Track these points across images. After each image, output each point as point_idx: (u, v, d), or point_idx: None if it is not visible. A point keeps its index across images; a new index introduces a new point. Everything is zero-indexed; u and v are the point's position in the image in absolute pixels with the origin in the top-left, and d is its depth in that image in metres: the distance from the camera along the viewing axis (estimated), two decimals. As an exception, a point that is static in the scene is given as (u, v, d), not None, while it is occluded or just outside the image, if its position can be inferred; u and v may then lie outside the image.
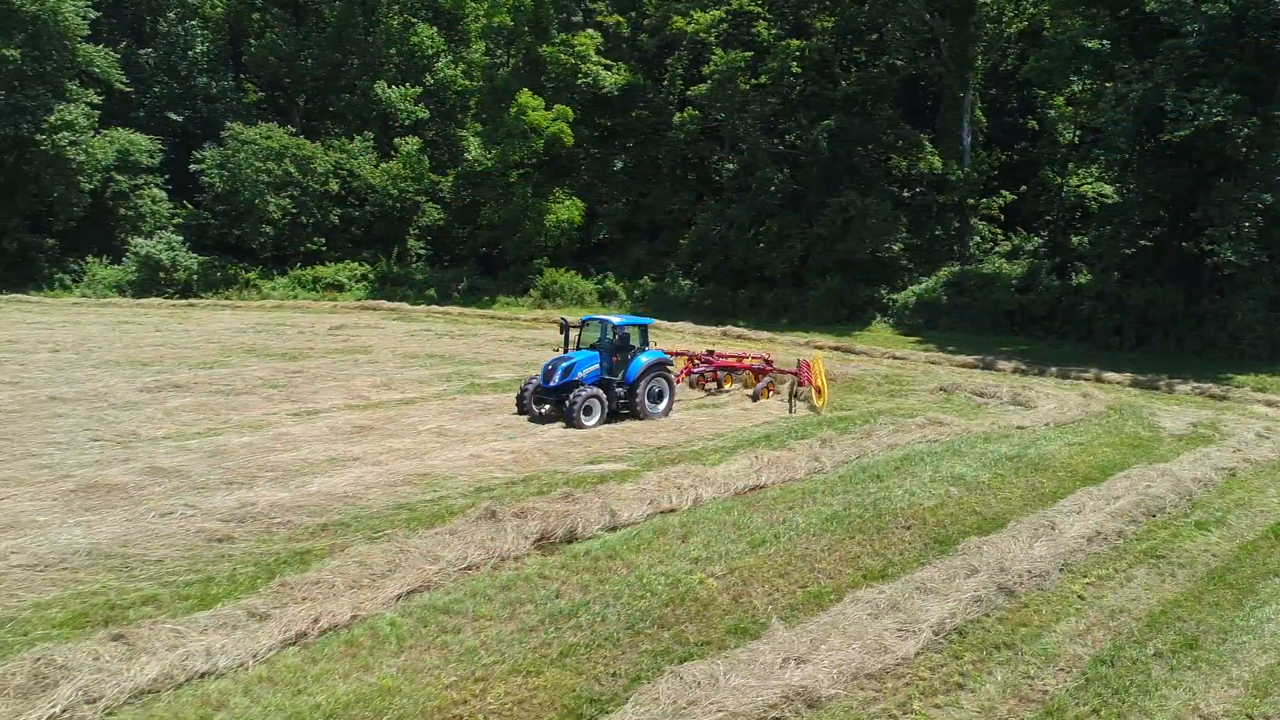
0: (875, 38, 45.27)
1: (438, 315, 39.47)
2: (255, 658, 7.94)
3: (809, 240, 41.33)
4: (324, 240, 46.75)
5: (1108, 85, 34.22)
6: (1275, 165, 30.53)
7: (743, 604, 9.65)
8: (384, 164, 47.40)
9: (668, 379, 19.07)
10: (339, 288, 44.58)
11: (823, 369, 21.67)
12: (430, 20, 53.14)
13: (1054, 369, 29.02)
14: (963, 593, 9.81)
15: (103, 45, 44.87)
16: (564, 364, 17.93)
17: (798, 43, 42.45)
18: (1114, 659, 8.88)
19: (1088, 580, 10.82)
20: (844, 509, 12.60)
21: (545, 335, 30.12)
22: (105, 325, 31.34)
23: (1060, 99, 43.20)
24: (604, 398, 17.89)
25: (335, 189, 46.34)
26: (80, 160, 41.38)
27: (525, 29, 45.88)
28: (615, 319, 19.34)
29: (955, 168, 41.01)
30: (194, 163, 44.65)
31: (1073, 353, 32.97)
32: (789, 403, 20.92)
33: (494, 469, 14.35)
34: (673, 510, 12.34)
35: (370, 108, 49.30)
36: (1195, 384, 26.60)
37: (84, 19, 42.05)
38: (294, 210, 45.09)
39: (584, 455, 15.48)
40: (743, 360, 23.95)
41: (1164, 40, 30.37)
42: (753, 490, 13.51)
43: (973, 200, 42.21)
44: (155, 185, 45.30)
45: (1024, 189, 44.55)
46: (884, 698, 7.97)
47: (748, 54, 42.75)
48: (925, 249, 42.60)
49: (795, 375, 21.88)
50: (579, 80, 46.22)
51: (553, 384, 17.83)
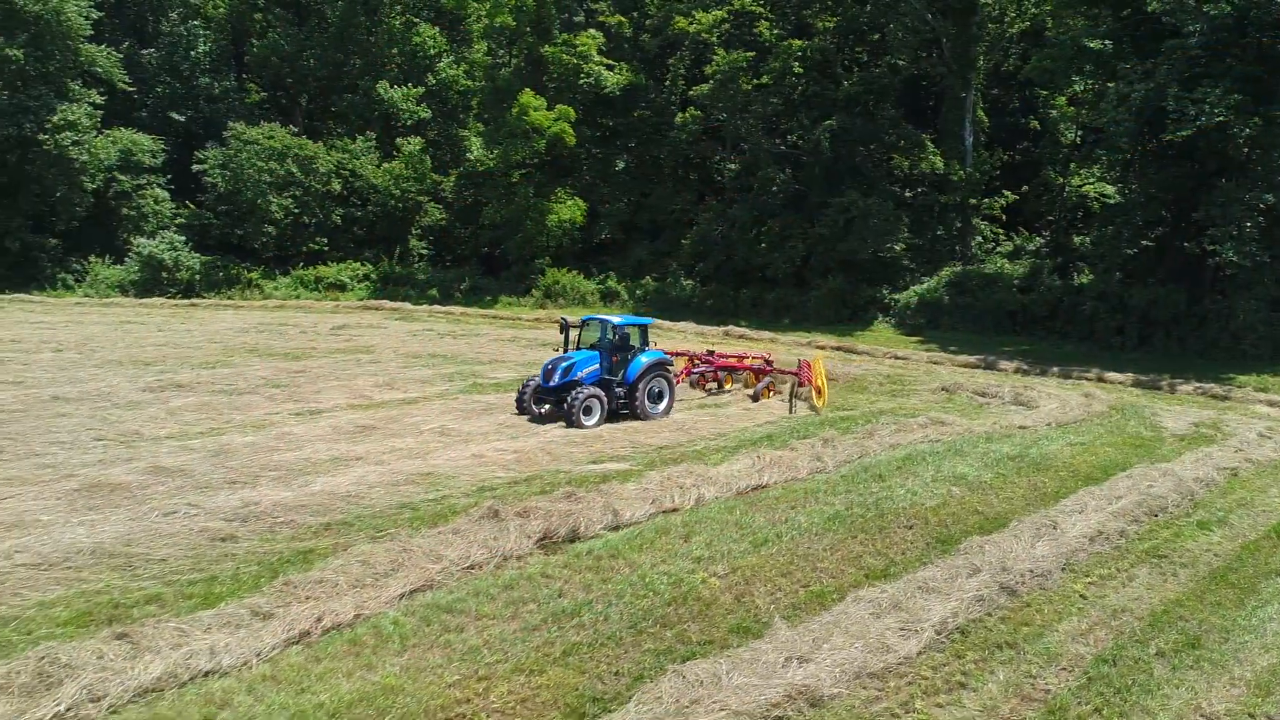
0: (877, 38, 45.28)
1: (440, 315, 39.50)
2: (259, 656, 7.96)
3: (811, 240, 41.35)
4: (326, 240, 46.81)
5: (1109, 85, 34.20)
6: (1277, 165, 30.50)
7: (745, 603, 9.66)
8: (386, 164, 47.45)
9: (668, 379, 19.05)
10: (341, 288, 44.63)
11: (823, 369, 21.66)
12: (432, 20, 53.16)
13: (1056, 369, 29.01)
14: (965, 592, 9.82)
15: (105, 45, 44.90)
16: (564, 364, 17.93)
17: (800, 43, 42.42)
18: (1116, 658, 8.89)
19: (1090, 580, 10.83)
20: (846, 508, 12.61)
21: (547, 335, 30.10)
22: (108, 325, 31.38)
23: (1062, 99, 43.17)
24: (604, 397, 17.88)
25: (337, 189, 46.40)
26: (83, 160, 41.44)
27: (527, 29, 45.89)
28: (615, 319, 19.32)
29: (957, 168, 40.98)
30: (196, 163, 44.69)
31: (1075, 353, 32.96)
32: (789, 403, 20.94)
33: (496, 468, 14.37)
34: (675, 510, 12.35)
35: (372, 108, 49.34)
36: (1197, 384, 26.59)
37: (87, 19, 42.09)
38: (296, 210, 45.14)
39: (586, 455, 15.49)
40: (743, 360, 23.95)
41: (1166, 40, 30.36)
42: (755, 490, 13.52)
43: (975, 200, 42.19)
44: (158, 185, 45.34)
45: (1026, 189, 44.52)
46: (886, 697, 7.98)
47: (750, 54, 42.75)
48: (927, 249, 42.58)
49: (795, 375, 21.90)
50: (581, 80, 46.25)
51: (552, 384, 17.82)
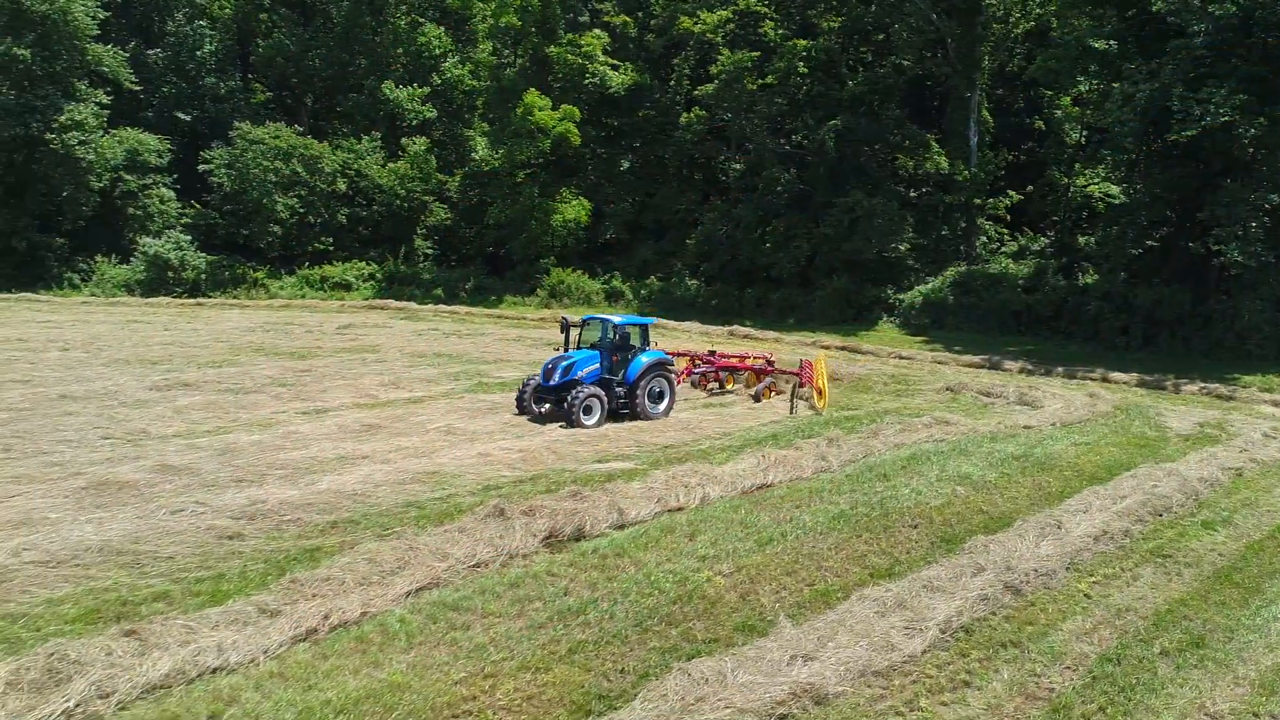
0: (882, 38, 45.28)
1: (445, 315, 39.57)
2: (266, 654, 7.99)
3: (815, 240, 41.35)
4: (331, 240, 46.96)
5: (1114, 85, 34.15)
6: (1282, 165, 30.48)
7: (750, 602, 9.68)
8: (391, 164, 47.56)
9: (668, 379, 19.01)
10: (346, 287, 44.74)
11: (824, 369, 21.65)
12: (438, 20, 53.23)
13: (1060, 369, 28.98)
14: (969, 591, 9.83)
15: (112, 45, 45.04)
16: (564, 363, 17.89)
17: (804, 43, 42.41)
18: (1120, 657, 8.90)
19: (1094, 579, 10.83)
20: (851, 508, 12.62)
21: (552, 335, 30.06)
22: (114, 324, 31.48)
23: (1067, 99, 43.10)
24: (604, 397, 17.84)
25: (343, 189, 46.50)
26: (89, 160, 41.65)
27: (532, 29, 45.98)
28: (616, 318, 19.30)
29: (962, 168, 40.96)
30: (202, 162, 44.85)
31: (1079, 353, 32.96)
32: (790, 403, 20.95)
33: (502, 467, 14.39)
34: (680, 509, 12.36)
35: (378, 108, 49.44)
36: (1202, 384, 26.55)
37: (93, 19, 42.25)
38: (302, 210, 45.26)
39: (591, 454, 15.51)
40: (744, 361, 23.96)
41: (1171, 40, 30.33)
42: (760, 489, 13.53)
43: (979, 200, 42.17)
44: (164, 185, 45.49)
45: (1030, 189, 44.47)
46: (891, 695, 7.99)
47: (754, 54, 42.75)
48: (932, 249, 42.56)
49: (796, 375, 21.90)
50: (586, 80, 46.31)
51: (552, 383, 17.78)
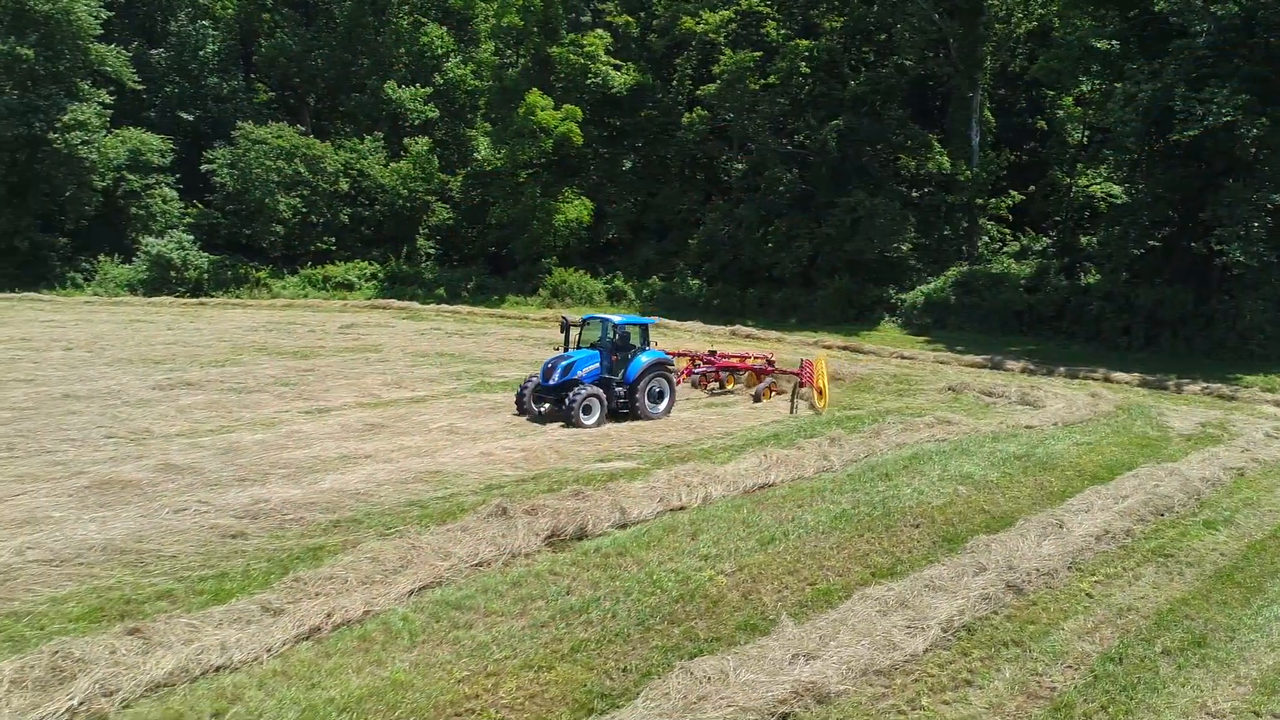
0: (884, 38, 45.25)
1: (447, 314, 39.61)
2: (269, 652, 8.01)
3: (817, 240, 41.34)
4: (334, 239, 47.01)
5: (1117, 85, 34.10)
6: (1285, 165, 30.44)
7: (752, 601, 9.70)
8: (394, 164, 47.60)
9: (668, 379, 19.00)
10: (349, 287, 44.77)
11: (825, 369, 21.65)
12: (440, 20, 53.27)
13: (1062, 369, 28.97)
14: (971, 590, 9.85)
15: (115, 45, 45.16)
16: (564, 362, 17.88)
17: (806, 43, 42.39)
18: (1122, 656, 8.91)
19: (1096, 578, 10.85)
20: (853, 507, 12.63)
21: (554, 335, 30.06)
22: (117, 323, 31.54)
23: (1069, 99, 43.04)
24: (603, 397, 17.83)
25: (345, 188, 46.55)
26: (92, 159, 41.73)
27: (535, 29, 45.98)
28: (615, 318, 19.29)
29: (964, 168, 40.93)
30: (205, 162, 44.92)
31: (1081, 353, 32.94)
32: (791, 403, 20.96)
33: (504, 466, 14.41)
34: (682, 508, 12.38)
35: (380, 107, 49.48)
36: (1204, 384, 26.55)
37: (96, 19, 42.34)
38: (304, 210, 45.29)
39: (594, 453, 15.52)
40: (745, 361, 23.96)
41: (1173, 40, 30.30)
42: (762, 488, 13.54)
43: (981, 200, 42.15)
44: (166, 185, 45.56)
45: (1033, 189, 44.44)
46: (893, 694, 8.01)
47: (757, 54, 42.72)
48: (934, 249, 42.54)
49: (797, 375, 21.91)
50: (588, 80, 46.30)
51: (552, 382, 17.76)
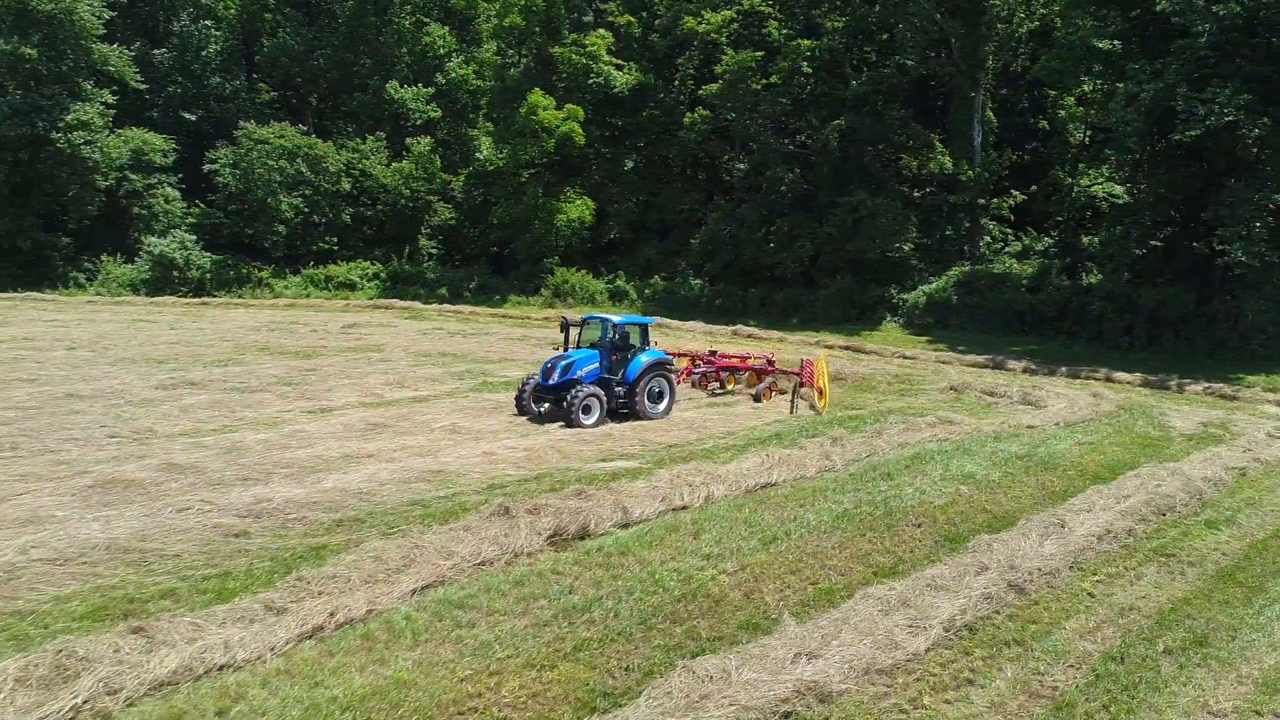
0: (886, 38, 45.25)
1: (449, 314, 39.64)
2: (273, 651, 8.03)
3: (819, 240, 41.36)
4: (336, 239, 47.06)
5: (1118, 85, 34.09)
6: (1287, 165, 30.41)
7: (754, 600, 9.72)
8: (396, 163, 47.65)
9: (668, 379, 18.98)
10: (351, 286, 44.82)
11: (825, 369, 21.64)
12: (442, 20, 53.32)
13: (1064, 369, 28.97)
14: (973, 590, 9.86)
15: (117, 45, 45.19)
16: (563, 362, 17.87)
17: (808, 43, 42.41)
18: (1124, 656, 8.92)
19: (1098, 578, 10.86)
20: (855, 507, 12.64)
21: (556, 334, 30.12)
22: (120, 323, 31.58)
23: (1071, 99, 43.07)
24: (603, 396, 17.81)
25: (347, 188, 46.61)
26: (95, 159, 41.79)
27: (537, 29, 46.01)
28: (615, 318, 19.27)
29: (966, 168, 40.92)
30: (207, 162, 44.98)
31: (1083, 352, 32.94)
32: (791, 403, 20.97)
33: (507, 466, 14.42)
34: (684, 507, 12.40)
35: (382, 107, 49.53)
36: (1206, 384, 26.55)
37: (99, 19, 42.40)
38: (306, 209, 45.35)
39: (596, 453, 15.54)
40: (745, 361, 23.96)
41: (1175, 40, 30.29)
42: (764, 488, 13.55)
43: (983, 200, 42.15)
44: (169, 184, 45.64)
45: (1034, 189, 44.41)
46: (895, 693, 8.03)
47: (758, 54, 42.72)
48: (935, 249, 42.53)
49: (797, 375, 21.91)
50: (590, 80, 46.31)
51: (552, 382, 17.73)
